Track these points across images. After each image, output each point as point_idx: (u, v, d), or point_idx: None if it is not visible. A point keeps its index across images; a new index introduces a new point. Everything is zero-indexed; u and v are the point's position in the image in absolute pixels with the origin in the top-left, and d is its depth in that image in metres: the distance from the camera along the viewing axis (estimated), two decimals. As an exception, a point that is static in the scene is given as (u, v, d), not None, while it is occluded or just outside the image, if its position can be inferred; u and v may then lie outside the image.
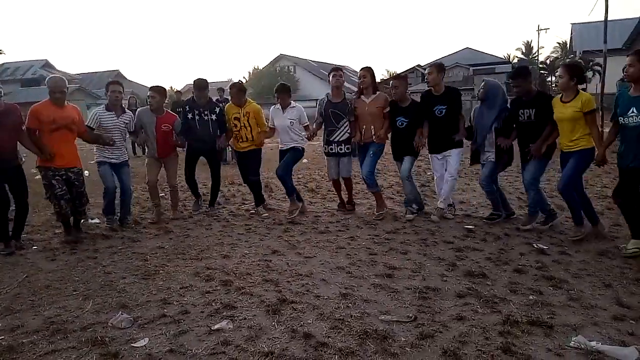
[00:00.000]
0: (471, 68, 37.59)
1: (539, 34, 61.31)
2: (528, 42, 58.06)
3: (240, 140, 5.91)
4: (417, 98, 5.55)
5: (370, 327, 2.83)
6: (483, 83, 5.18)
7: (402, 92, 5.49)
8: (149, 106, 5.80)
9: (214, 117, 5.86)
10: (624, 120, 3.90)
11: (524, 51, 57.48)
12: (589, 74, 32.90)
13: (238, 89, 5.93)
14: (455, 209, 5.69)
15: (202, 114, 5.83)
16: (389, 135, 5.65)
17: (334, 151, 5.70)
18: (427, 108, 5.33)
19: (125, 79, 43.27)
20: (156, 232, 5.30)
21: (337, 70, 5.69)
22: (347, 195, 6.03)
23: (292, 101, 5.85)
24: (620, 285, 3.36)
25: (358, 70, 6.26)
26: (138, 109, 6.13)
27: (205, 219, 5.84)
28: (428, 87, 5.47)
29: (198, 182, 6.37)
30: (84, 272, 4.04)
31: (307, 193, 7.16)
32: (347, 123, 5.59)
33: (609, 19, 15.11)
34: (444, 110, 5.22)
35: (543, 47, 65.75)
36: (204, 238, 5.00)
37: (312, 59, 46.61)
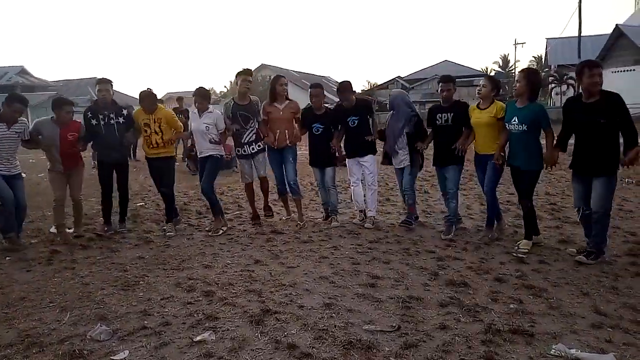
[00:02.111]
0: (450, 80, 38.13)
1: (515, 48, 62.74)
2: (505, 55, 59.53)
3: (150, 146, 5.55)
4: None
5: (355, 337, 2.82)
6: (391, 93, 5.79)
7: (320, 100, 5.74)
8: (50, 117, 5.26)
9: (121, 120, 5.45)
10: (509, 127, 4.54)
11: (501, 64, 58.83)
12: (563, 87, 33.86)
13: (201, 95, 5.61)
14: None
15: (108, 118, 5.40)
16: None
17: (246, 152, 5.72)
18: (342, 119, 5.70)
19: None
20: (136, 242, 5.20)
21: (246, 73, 5.67)
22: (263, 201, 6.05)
23: (210, 106, 5.69)
24: (598, 293, 3.43)
25: (338, 80, 6.42)
26: (35, 120, 5.46)
27: (187, 228, 5.77)
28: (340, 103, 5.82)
29: (176, 192, 6.28)
30: (60, 284, 3.94)
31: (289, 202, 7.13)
32: (255, 124, 5.67)
33: (583, 34, 15.59)
34: (356, 121, 5.59)
35: (519, 61, 67.26)
36: (185, 248, 4.93)
37: (294, 69, 46.81)
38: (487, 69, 56.21)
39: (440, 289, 3.59)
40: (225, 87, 44.04)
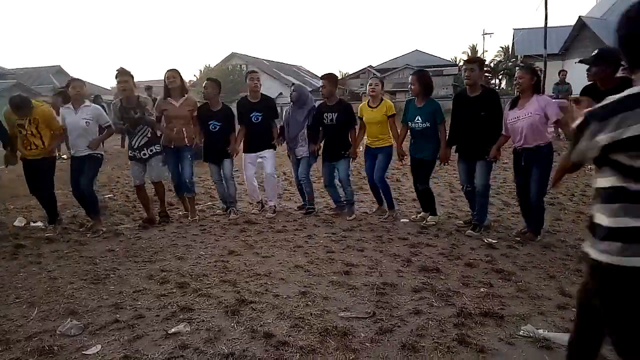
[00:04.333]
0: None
1: (484, 38, 64.37)
2: (474, 45, 60.43)
3: (28, 147, 5.18)
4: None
5: (330, 325, 2.85)
6: (294, 87, 5.80)
7: (213, 93, 5.61)
8: None
9: None
10: (412, 125, 5.01)
11: (469, 54, 59.72)
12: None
13: (77, 87, 5.17)
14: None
15: None
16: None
17: (137, 157, 5.33)
18: (246, 114, 5.66)
19: (68, 74, 41.19)
20: (105, 234, 5.08)
21: (125, 73, 5.14)
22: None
23: (86, 100, 5.37)
24: (563, 275, 3.57)
25: (310, 70, 6.42)
26: None
27: (159, 219, 5.66)
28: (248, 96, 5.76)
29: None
30: (27, 279, 3.81)
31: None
32: (145, 127, 5.26)
33: (548, 25, 16.00)
34: (259, 117, 5.61)
35: (487, 51, 68.82)
36: (156, 240, 4.85)
37: (266, 58, 46.30)
38: (456, 58, 57.03)
39: (413, 275, 3.66)
40: (195, 75, 43.15)
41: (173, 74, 5.44)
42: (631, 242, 1.55)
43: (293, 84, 5.87)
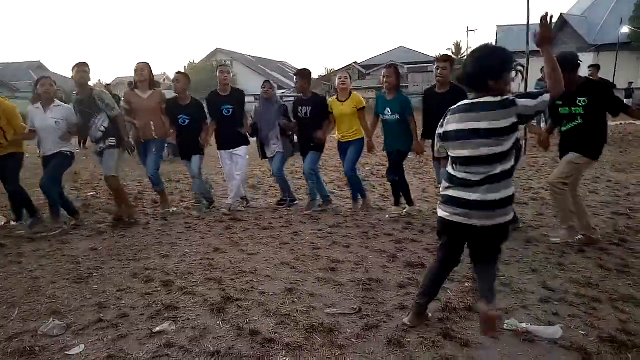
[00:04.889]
0: (405, 66, 38.75)
1: (468, 34, 64.33)
2: (458, 42, 60.82)
3: None
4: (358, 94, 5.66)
5: (317, 321, 2.85)
6: (267, 84, 5.70)
7: (182, 87, 5.56)
8: None
9: None
10: (383, 117, 5.18)
11: (453, 51, 60.10)
12: (512, 74, 35.01)
13: (47, 85, 5.02)
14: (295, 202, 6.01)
15: None
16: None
17: (95, 150, 5.29)
18: (215, 107, 5.59)
19: (48, 70, 40.36)
20: (88, 233, 5.01)
21: (81, 65, 5.00)
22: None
23: (55, 99, 5.15)
24: (545, 270, 3.62)
25: (295, 66, 6.43)
26: None
27: (143, 217, 5.60)
28: (218, 89, 5.66)
29: (130, 180, 6.07)
30: (6, 279, 3.74)
31: (249, 189, 7.07)
32: (98, 121, 5.07)
33: (530, 22, 16.15)
34: (231, 110, 5.54)
35: (471, 48, 69.11)
36: (141, 238, 4.80)
37: (250, 54, 46.03)
38: (440, 55, 57.37)
39: (399, 271, 3.68)
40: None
41: (143, 66, 5.38)
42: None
43: (266, 80, 5.82)
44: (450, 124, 2.54)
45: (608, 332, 2.63)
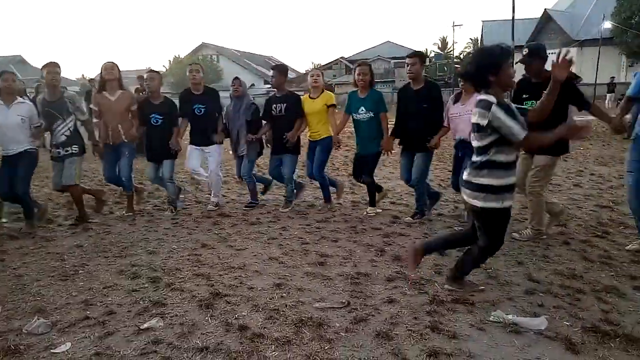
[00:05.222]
0: (392, 61, 38.85)
1: (453, 29, 65.00)
2: (444, 37, 61.15)
3: None
4: (345, 89, 5.67)
5: (305, 315, 2.86)
6: (236, 82, 5.56)
7: (157, 86, 5.42)
8: None
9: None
10: (356, 116, 5.06)
11: (440, 46, 60.42)
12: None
13: (8, 80, 4.72)
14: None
15: None
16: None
17: (54, 155, 5.03)
18: (187, 106, 5.48)
19: (30, 65, 39.57)
20: (73, 230, 4.94)
21: (51, 65, 4.85)
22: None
23: (18, 96, 4.93)
24: (531, 262, 3.68)
25: (281, 61, 6.33)
26: None
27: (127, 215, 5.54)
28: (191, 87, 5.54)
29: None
30: (-10, 277, 3.67)
31: (235, 185, 7.04)
32: (64, 125, 4.91)
33: (515, 17, 16.33)
34: (202, 109, 5.44)
35: (457, 43, 69.71)
36: (127, 234, 4.75)
37: (236, 48, 45.69)
38: (427, 50, 57.62)
39: (386, 265, 3.70)
40: (163, 66, 42.18)
41: (112, 66, 5.21)
42: None
43: (235, 78, 5.67)
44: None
45: (591, 322, 2.68)
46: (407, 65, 4.74)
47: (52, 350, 2.56)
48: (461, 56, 51.46)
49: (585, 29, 30.94)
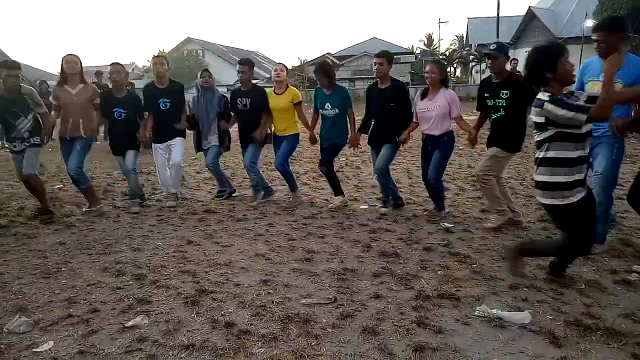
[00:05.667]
0: (378, 57, 38.73)
1: (439, 26, 65.47)
2: (430, 34, 61.46)
3: None
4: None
5: (292, 312, 2.85)
6: (206, 73, 5.64)
7: (121, 79, 5.37)
8: None
9: None
10: (323, 112, 5.20)
11: (426, 42, 60.69)
12: (483, 66, 35.69)
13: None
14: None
15: None
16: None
17: (13, 149, 5.00)
18: (152, 101, 5.46)
19: (8, 57, 38.74)
20: (55, 226, 4.86)
21: (8, 66, 4.82)
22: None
23: None
24: (515, 257, 3.72)
25: (267, 56, 6.32)
26: None
27: (113, 210, 5.47)
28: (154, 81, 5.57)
29: (100, 172, 5.90)
30: (-31, 275, 3.59)
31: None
32: (25, 121, 4.86)
33: (500, 15, 16.44)
34: (168, 104, 5.43)
35: (443, 39, 70.20)
36: (111, 231, 4.69)
37: (222, 44, 45.32)
38: (413, 47, 57.82)
39: (373, 260, 3.72)
40: (148, 61, 41.67)
41: (74, 59, 5.11)
42: None
43: (204, 69, 5.69)
44: None
45: (574, 316, 2.73)
46: (375, 65, 4.87)
47: (34, 349, 2.52)
48: (447, 53, 51.79)
49: (568, 27, 31.34)
